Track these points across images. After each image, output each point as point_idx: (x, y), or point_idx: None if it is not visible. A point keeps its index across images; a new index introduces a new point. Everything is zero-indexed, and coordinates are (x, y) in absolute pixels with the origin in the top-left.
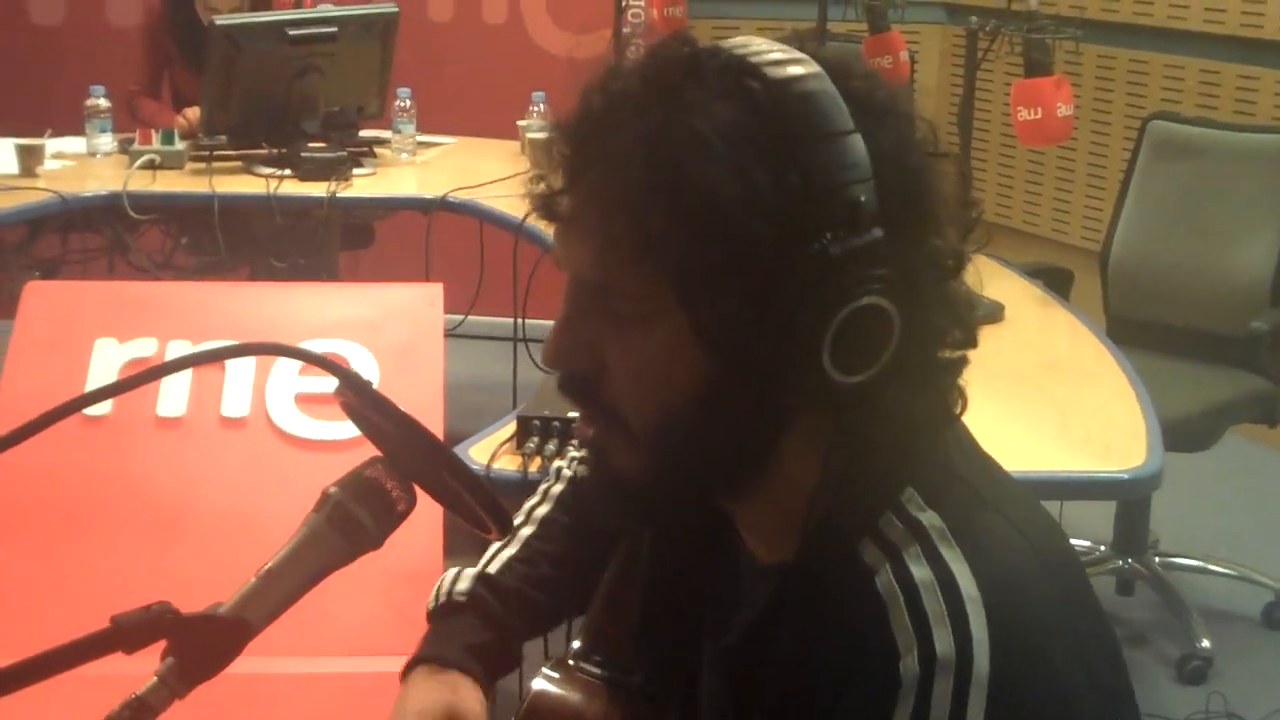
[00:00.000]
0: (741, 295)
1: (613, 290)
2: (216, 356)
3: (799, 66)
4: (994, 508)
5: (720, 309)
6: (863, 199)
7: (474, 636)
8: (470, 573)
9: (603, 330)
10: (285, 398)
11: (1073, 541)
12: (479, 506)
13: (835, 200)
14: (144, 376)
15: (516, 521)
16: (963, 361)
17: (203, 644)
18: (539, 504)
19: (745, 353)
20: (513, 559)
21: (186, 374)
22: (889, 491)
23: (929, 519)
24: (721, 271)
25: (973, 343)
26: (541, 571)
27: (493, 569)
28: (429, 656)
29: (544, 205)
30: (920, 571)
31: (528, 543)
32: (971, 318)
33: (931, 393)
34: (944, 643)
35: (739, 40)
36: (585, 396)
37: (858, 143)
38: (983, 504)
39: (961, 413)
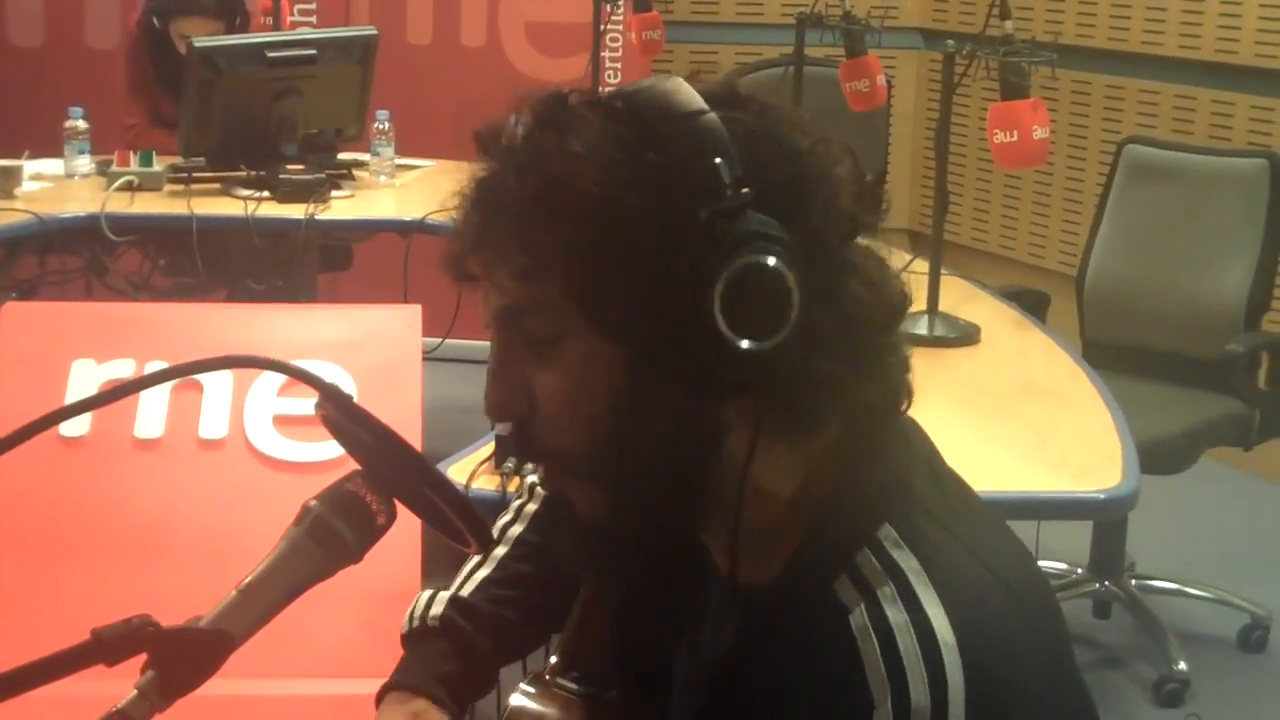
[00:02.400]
0: (628, 278)
1: (521, 317)
2: (200, 369)
3: (663, 81)
4: (969, 549)
5: (614, 299)
6: (720, 161)
7: (445, 664)
8: (444, 596)
9: (526, 368)
10: (263, 419)
11: (1049, 564)
12: (459, 520)
13: (696, 168)
14: (125, 389)
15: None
16: (900, 344)
17: (183, 657)
18: (513, 522)
19: (650, 338)
20: (486, 580)
21: (164, 395)
22: (867, 527)
23: (905, 560)
24: (605, 261)
25: (894, 313)
26: (516, 592)
27: (466, 591)
28: (400, 683)
29: (457, 268)
30: (895, 615)
31: (502, 563)
32: (887, 284)
33: (871, 376)
34: (918, 693)
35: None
36: (524, 444)
37: (713, 119)
38: (958, 545)
39: (907, 407)
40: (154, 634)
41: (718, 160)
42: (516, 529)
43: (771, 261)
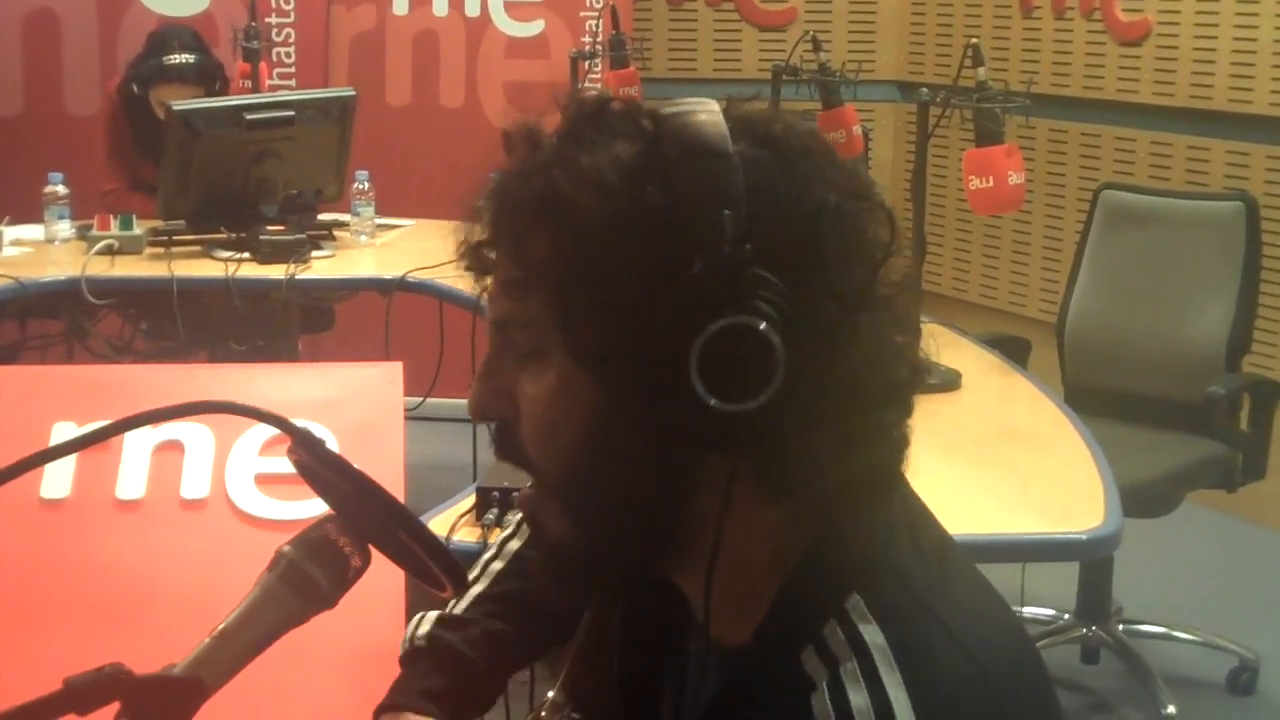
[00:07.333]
0: (608, 314)
1: (509, 325)
2: (170, 415)
3: (699, 109)
4: (943, 623)
5: (592, 332)
6: (727, 213)
7: (431, 680)
8: (433, 615)
9: (513, 374)
10: (245, 478)
11: (1035, 610)
12: (433, 562)
13: (697, 214)
14: (95, 436)
15: (487, 555)
16: (897, 424)
17: (157, 705)
18: (511, 536)
19: (623, 378)
20: (480, 595)
21: (145, 456)
22: (835, 597)
23: (871, 635)
24: (588, 291)
25: (894, 392)
26: (509, 605)
27: (461, 607)
28: (389, 705)
29: (472, 256)
30: (856, 698)
31: (497, 577)
32: (891, 362)
33: (855, 455)
34: None
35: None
36: (507, 446)
37: (733, 165)
38: (931, 618)
39: (891, 487)
40: (127, 681)
41: (726, 212)
42: (515, 544)
43: (758, 325)
